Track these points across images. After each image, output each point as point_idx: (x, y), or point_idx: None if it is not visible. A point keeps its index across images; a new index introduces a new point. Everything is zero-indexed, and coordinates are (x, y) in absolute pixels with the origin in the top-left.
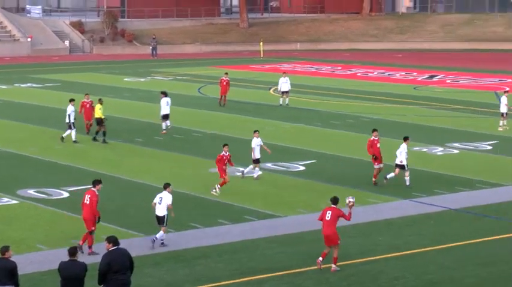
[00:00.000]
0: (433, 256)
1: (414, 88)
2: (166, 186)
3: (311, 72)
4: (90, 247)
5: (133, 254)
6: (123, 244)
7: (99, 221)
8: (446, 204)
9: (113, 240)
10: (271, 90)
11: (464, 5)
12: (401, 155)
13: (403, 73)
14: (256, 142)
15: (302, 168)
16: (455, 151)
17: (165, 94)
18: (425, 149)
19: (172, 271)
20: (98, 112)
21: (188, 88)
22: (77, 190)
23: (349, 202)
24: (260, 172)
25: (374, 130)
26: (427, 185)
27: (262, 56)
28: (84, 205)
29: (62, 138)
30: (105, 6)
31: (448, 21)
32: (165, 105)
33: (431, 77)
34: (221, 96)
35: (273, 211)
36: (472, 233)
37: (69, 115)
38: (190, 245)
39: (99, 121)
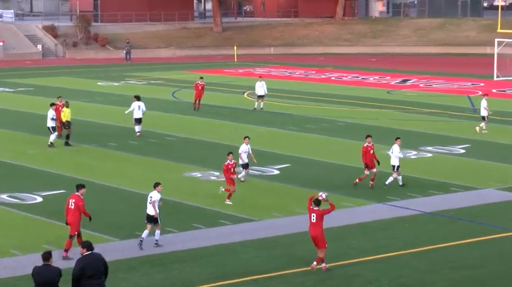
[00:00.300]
0: (407, 259)
1: (388, 92)
2: (156, 185)
3: (285, 77)
4: (66, 251)
5: (107, 258)
6: (98, 248)
7: (90, 220)
8: (420, 207)
9: (86, 245)
10: (246, 94)
11: (437, 9)
12: (393, 156)
13: (377, 77)
14: (243, 149)
15: (277, 172)
16: (429, 155)
17: (137, 98)
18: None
19: (148, 276)
20: (66, 115)
21: (162, 92)
22: (51, 194)
23: (322, 199)
24: (244, 173)
25: (368, 136)
26: (401, 189)
27: (236, 60)
28: (69, 210)
29: (51, 143)
30: (78, 11)
31: (420, 26)
32: (137, 109)
33: (405, 81)
34: (195, 100)
35: (248, 215)
36: (445, 236)
37: (51, 119)
38: (165, 249)
39: (66, 124)
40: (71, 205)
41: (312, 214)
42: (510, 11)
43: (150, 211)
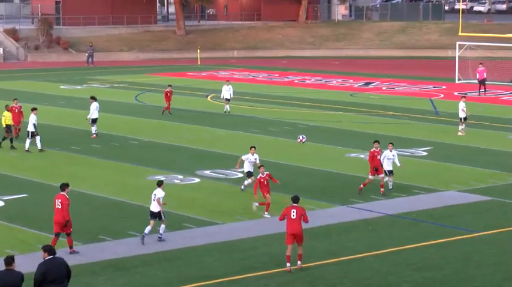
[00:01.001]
0: (370, 261)
1: (350, 95)
2: (159, 184)
3: (248, 80)
4: (71, 247)
5: (70, 263)
6: (60, 253)
7: (66, 225)
8: (383, 210)
9: (48, 249)
10: (209, 97)
11: (399, 13)
12: (385, 161)
13: (340, 80)
14: (248, 158)
15: (240, 175)
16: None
17: (94, 99)
18: (362, 156)
19: (111, 280)
20: (7, 119)
21: (125, 96)
22: (12, 199)
23: (300, 140)
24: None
25: (375, 141)
26: (365, 192)
27: (199, 63)
28: (57, 210)
29: (41, 149)
30: (39, 14)
31: (383, 29)
32: (94, 110)
33: (367, 84)
34: (166, 107)
35: (212, 218)
36: (408, 238)
37: (34, 124)
38: (129, 253)
39: (9, 128)
40: (58, 204)
41: (292, 210)
42: (471, 14)
43: (154, 207)
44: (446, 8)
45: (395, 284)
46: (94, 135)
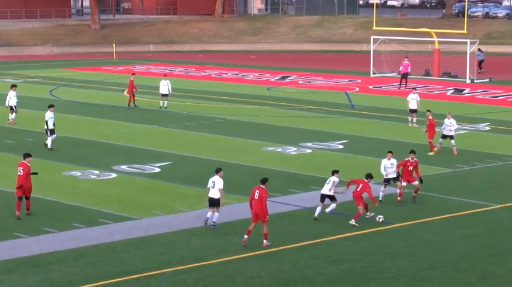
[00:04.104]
0: (287, 254)
1: (267, 89)
2: (218, 170)
3: (165, 74)
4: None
5: None
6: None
7: (20, 187)
8: (301, 203)
9: None
10: (125, 92)
11: (315, 7)
12: (385, 170)
13: (257, 74)
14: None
15: (157, 170)
16: (309, 151)
17: (15, 87)
18: (279, 149)
19: (26, 277)
20: None
21: (40, 90)
22: None
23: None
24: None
25: (411, 152)
26: (282, 185)
27: (115, 57)
28: (19, 176)
29: (46, 145)
30: None
31: (299, 23)
32: (13, 97)
33: (284, 77)
34: (130, 98)
35: (128, 213)
36: (325, 231)
37: (46, 121)
38: (44, 250)
39: None
40: (20, 171)
41: (256, 191)
42: (385, 8)
43: (214, 194)
44: (361, 2)
45: (312, 276)
46: (11, 120)
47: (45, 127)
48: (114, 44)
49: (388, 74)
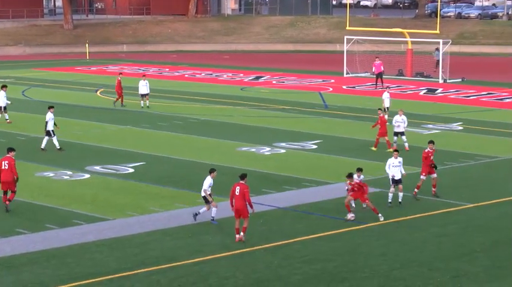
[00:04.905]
0: (261, 254)
1: (241, 89)
2: (211, 171)
3: (138, 74)
4: (8, 201)
5: None
6: None
7: (17, 180)
8: (274, 203)
9: None
10: (98, 92)
11: (288, 7)
12: (390, 169)
13: (230, 74)
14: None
15: (131, 170)
16: (282, 151)
17: (5, 87)
18: (253, 149)
19: None
20: None
21: (12, 91)
22: None
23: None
24: None
25: (430, 142)
26: (256, 185)
27: (88, 58)
28: (3, 170)
29: (60, 148)
30: None
31: (272, 23)
32: (2, 97)
33: (258, 78)
34: (119, 97)
35: (102, 214)
36: (298, 231)
37: (46, 122)
38: (16, 251)
39: None
40: (4, 165)
41: (237, 187)
42: (358, 8)
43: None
44: (334, 2)
45: (286, 276)
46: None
47: (45, 128)
48: (87, 44)
49: (362, 74)
